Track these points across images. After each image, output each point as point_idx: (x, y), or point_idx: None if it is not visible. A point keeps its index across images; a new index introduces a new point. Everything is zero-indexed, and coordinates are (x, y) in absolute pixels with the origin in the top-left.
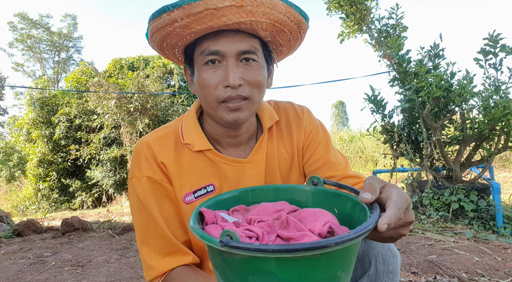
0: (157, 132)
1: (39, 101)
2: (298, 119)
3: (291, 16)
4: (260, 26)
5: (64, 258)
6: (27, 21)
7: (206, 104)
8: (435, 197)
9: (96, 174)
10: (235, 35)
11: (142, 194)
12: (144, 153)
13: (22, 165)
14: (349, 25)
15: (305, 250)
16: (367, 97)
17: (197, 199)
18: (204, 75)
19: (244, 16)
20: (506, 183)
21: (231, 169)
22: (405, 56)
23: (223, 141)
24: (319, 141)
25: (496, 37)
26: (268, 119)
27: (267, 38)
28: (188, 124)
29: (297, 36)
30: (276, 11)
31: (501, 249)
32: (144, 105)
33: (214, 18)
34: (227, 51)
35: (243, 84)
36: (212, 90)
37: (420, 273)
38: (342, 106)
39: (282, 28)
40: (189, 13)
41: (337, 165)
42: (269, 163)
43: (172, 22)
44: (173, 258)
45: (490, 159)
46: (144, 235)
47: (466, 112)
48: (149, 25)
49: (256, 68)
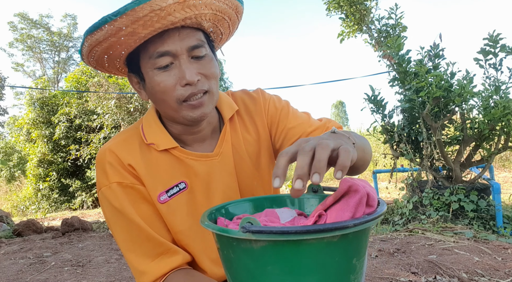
0: (116, 138)
1: (39, 101)
2: (254, 102)
3: (229, 2)
4: (204, 18)
5: (64, 258)
6: (27, 21)
7: (166, 107)
8: (435, 197)
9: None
10: (180, 32)
11: (116, 201)
12: (108, 159)
13: (22, 165)
14: (348, 25)
15: (327, 231)
16: (367, 97)
17: (171, 197)
18: (159, 79)
19: (188, 11)
20: (506, 183)
21: (199, 164)
22: (405, 56)
23: (186, 138)
24: (279, 114)
25: (496, 37)
26: (228, 110)
27: (209, 28)
28: (149, 124)
29: (235, 21)
30: (216, 0)
31: (501, 249)
32: (144, 105)
33: (160, 19)
34: (177, 50)
35: (201, 79)
36: (171, 92)
37: (420, 273)
38: (342, 106)
39: (223, 16)
40: (134, 19)
41: (298, 127)
42: (237, 153)
43: (116, 31)
44: (164, 260)
45: (490, 159)
46: (129, 243)
47: (466, 112)
48: (87, 40)
49: (208, 61)
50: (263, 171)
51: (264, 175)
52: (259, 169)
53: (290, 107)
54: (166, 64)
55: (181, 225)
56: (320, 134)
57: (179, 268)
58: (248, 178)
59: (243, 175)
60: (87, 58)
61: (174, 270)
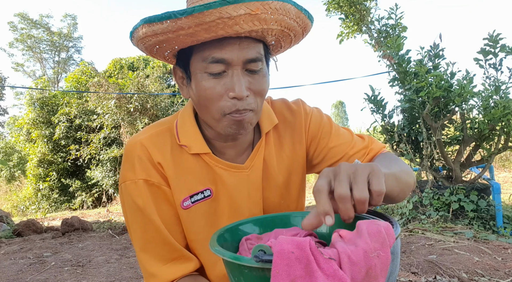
0: (150, 130)
1: (39, 101)
2: (294, 115)
3: (300, 21)
4: (270, 33)
5: (64, 258)
6: (27, 21)
7: (208, 114)
8: (435, 197)
9: (96, 174)
10: (241, 42)
11: (139, 198)
12: (138, 153)
13: (22, 165)
14: (348, 25)
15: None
16: (367, 97)
17: (194, 204)
18: (207, 84)
19: (257, 24)
20: (506, 183)
21: (228, 175)
22: (405, 56)
23: (220, 144)
24: (321, 131)
25: (496, 37)
26: (267, 123)
27: (272, 42)
28: (184, 123)
29: (299, 38)
30: (288, 17)
31: (501, 249)
32: (144, 105)
33: (225, 27)
34: (234, 60)
35: (250, 95)
36: (216, 101)
37: (420, 273)
38: (342, 106)
39: (289, 33)
40: (199, 22)
41: (340, 147)
42: (267, 168)
43: (177, 29)
44: (176, 265)
45: (490, 159)
46: (144, 242)
47: (466, 112)
48: (143, 28)
49: (261, 76)
50: (292, 189)
51: (292, 192)
52: (288, 187)
53: (333, 123)
54: (219, 72)
55: (198, 234)
56: (360, 158)
57: (188, 275)
58: (274, 195)
59: (269, 192)
60: (136, 42)
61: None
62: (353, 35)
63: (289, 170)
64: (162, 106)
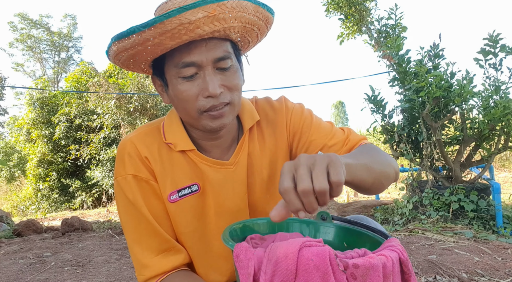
0: (139, 130)
1: (39, 101)
2: (275, 112)
3: (259, 15)
4: (232, 31)
5: (64, 258)
6: (27, 21)
7: (187, 115)
8: (435, 197)
9: (96, 174)
10: (207, 43)
11: (129, 193)
12: (128, 150)
13: (22, 165)
14: (348, 26)
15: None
16: (367, 97)
17: (181, 198)
18: (182, 88)
19: (217, 25)
20: (506, 183)
21: (213, 171)
22: (404, 56)
23: (205, 143)
24: (301, 124)
25: (496, 37)
26: (249, 119)
27: (237, 39)
28: (171, 123)
29: (264, 31)
30: (246, 13)
31: (501, 249)
32: (144, 105)
33: (188, 32)
34: (203, 61)
35: (224, 91)
36: (192, 102)
37: (420, 273)
38: (342, 106)
39: (252, 27)
40: (162, 31)
41: (319, 140)
42: (251, 164)
43: (143, 41)
44: (167, 257)
45: (490, 159)
46: (136, 234)
47: (466, 112)
48: (114, 46)
49: (233, 72)
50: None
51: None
52: (274, 181)
53: (314, 116)
54: (191, 75)
55: (186, 227)
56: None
57: (179, 269)
58: (260, 190)
59: (254, 187)
60: (113, 60)
61: (175, 270)
62: (353, 36)
63: (274, 164)
64: (162, 106)
